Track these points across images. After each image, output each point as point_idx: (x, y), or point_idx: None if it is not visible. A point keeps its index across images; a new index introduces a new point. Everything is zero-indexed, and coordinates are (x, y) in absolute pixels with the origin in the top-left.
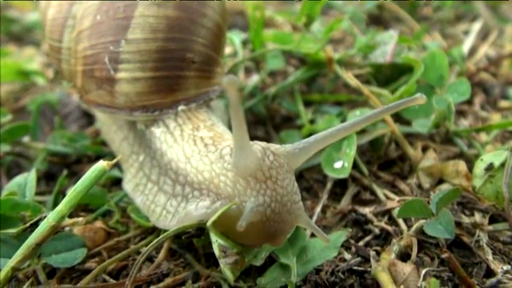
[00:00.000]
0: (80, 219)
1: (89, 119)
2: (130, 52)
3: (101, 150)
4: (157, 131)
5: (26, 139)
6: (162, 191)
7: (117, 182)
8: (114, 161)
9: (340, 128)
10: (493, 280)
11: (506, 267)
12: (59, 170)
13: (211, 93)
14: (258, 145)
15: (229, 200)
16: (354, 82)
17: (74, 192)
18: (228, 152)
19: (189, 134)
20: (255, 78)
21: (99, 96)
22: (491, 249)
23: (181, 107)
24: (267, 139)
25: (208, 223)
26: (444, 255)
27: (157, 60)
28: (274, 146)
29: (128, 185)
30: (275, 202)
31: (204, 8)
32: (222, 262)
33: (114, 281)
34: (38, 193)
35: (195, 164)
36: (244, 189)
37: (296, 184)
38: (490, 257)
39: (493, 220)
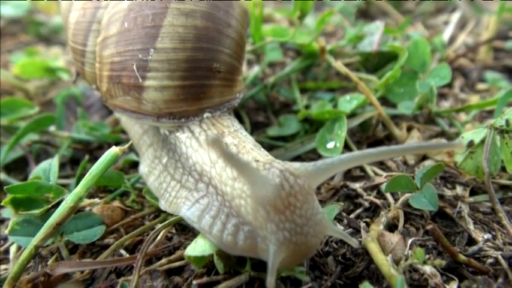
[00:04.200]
0: (97, 199)
1: (108, 110)
2: (159, 61)
3: (120, 138)
4: (183, 137)
5: (52, 129)
6: (185, 187)
7: (133, 165)
8: (126, 146)
9: (366, 153)
10: (475, 248)
11: (486, 235)
12: (82, 156)
13: (233, 101)
14: (275, 169)
15: (252, 229)
16: (343, 70)
17: (89, 175)
18: None
19: None
20: (255, 69)
21: (125, 102)
22: (472, 219)
23: (206, 114)
24: (268, 123)
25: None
26: (429, 226)
27: (185, 69)
28: (293, 166)
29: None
30: (295, 235)
31: (229, 19)
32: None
33: (128, 255)
34: (63, 176)
35: (219, 171)
36: (265, 222)
37: (317, 202)
38: (471, 227)
39: (473, 192)
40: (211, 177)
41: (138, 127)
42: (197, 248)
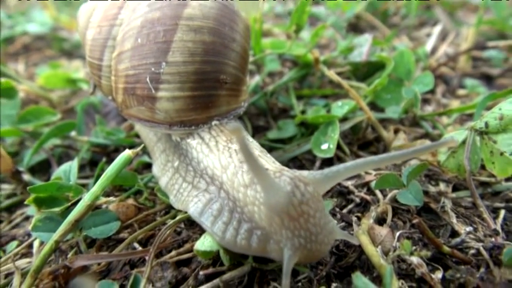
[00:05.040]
0: (112, 198)
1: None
2: (170, 73)
3: (134, 142)
4: (194, 143)
5: (73, 134)
6: (196, 188)
7: (146, 166)
8: (138, 149)
9: (368, 160)
10: (458, 240)
11: (468, 228)
12: (100, 158)
13: (239, 109)
14: (286, 177)
15: (265, 233)
16: (335, 78)
17: (105, 176)
18: None
19: (224, 146)
20: (256, 79)
21: (140, 112)
22: (455, 213)
23: (214, 122)
24: (267, 127)
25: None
26: (415, 220)
27: (194, 81)
28: (302, 174)
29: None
30: (310, 243)
31: (233, 34)
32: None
33: (141, 248)
34: (83, 177)
35: (230, 177)
36: (280, 228)
37: (326, 210)
38: (454, 220)
39: (455, 189)
40: (223, 182)
41: (152, 134)
42: (206, 243)
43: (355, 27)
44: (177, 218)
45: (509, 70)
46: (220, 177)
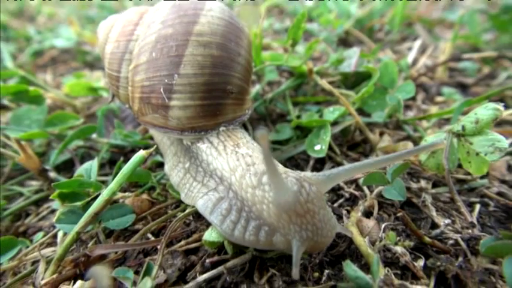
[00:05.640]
0: (127, 193)
1: None
2: (182, 84)
3: (148, 143)
4: (203, 146)
5: (94, 136)
6: (205, 186)
7: (159, 165)
8: (151, 150)
9: (365, 163)
10: (437, 231)
11: (447, 221)
12: (118, 158)
13: (244, 117)
14: (292, 177)
15: (273, 228)
16: (327, 87)
17: (121, 174)
18: (266, 181)
19: (232, 150)
20: (257, 87)
21: (154, 119)
22: (435, 207)
23: (222, 128)
24: (267, 130)
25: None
26: (399, 214)
27: (204, 91)
28: (307, 175)
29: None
30: (316, 236)
31: (239, 49)
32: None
33: (154, 238)
34: (103, 174)
35: (239, 178)
36: (288, 224)
37: (328, 207)
38: (434, 214)
39: (435, 185)
40: (231, 183)
41: (166, 139)
42: (213, 234)
43: (345, 41)
44: (186, 211)
45: (482, 79)
46: (229, 178)
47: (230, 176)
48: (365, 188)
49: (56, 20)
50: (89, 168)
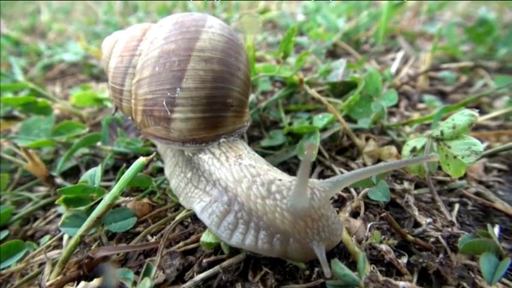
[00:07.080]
0: (129, 197)
1: None
2: (184, 98)
3: (149, 150)
4: (205, 157)
5: (99, 144)
6: (208, 194)
7: (160, 171)
8: (151, 156)
9: (368, 169)
10: (420, 229)
11: (428, 220)
12: (121, 164)
13: (243, 128)
14: None
15: (286, 234)
16: (316, 96)
17: (122, 179)
18: (276, 189)
19: (234, 161)
20: (251, 97)
21: (156, 131)
22: (417, 207)
23: (222, 139)
24: (261, 136)
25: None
26: (383, 214)
27: (205, 104)
28: (316, 182)
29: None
30: (332, 236)
31: (238, 63)
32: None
33: (154, 239)
34: (107, 180)
35: (246, 190)
36: (304, 230)
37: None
38: (416, 213)
39: (417, 186)
40: (237, 194)
41: (169, 150)
42: (210, 236)
43: (333, 53)
44: (183, 213)
45: (460, 87)
46: (234, 189)
47: (235, 187)
48: (352, 190)
49: (65, 35)
50: (93, 175)
